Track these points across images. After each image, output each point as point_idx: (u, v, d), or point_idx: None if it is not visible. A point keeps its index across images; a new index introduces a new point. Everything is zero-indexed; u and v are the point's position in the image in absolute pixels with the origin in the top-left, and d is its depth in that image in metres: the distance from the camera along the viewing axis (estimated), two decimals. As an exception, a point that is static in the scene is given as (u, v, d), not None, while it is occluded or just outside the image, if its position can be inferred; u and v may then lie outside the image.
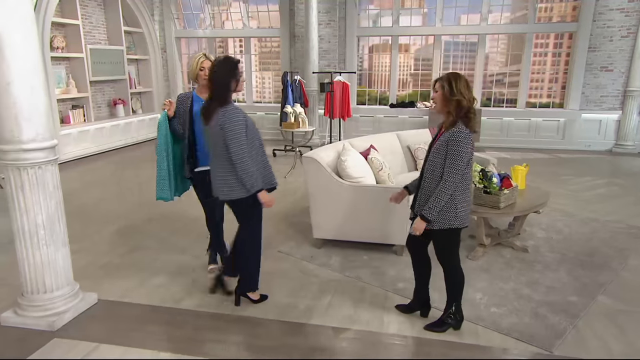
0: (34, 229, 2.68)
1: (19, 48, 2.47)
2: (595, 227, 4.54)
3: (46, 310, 2.79)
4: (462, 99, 2.47)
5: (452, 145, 2.46)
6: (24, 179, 2.61)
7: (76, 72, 8.13)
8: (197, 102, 3.24)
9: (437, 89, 2.56)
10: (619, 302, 3.12)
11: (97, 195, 5.77)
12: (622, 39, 8.28)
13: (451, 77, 2.50)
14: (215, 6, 10.32)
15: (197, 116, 3.14)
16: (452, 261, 2.72)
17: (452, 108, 2.49)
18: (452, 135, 2.47)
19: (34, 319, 2.78)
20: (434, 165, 2.56)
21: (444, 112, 2.56)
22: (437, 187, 2.52)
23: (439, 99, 2.54)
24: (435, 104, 2.62)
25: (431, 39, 9.53)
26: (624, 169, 7.30)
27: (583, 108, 8.75)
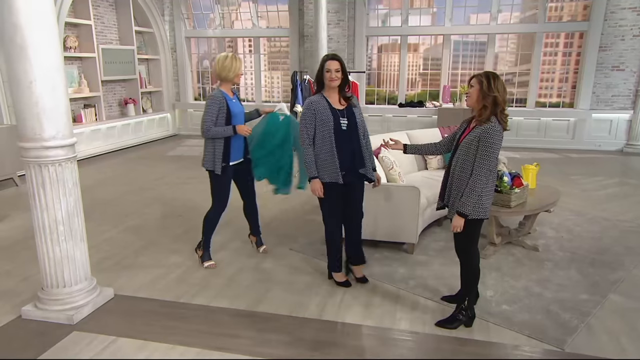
0: (53, 224, 2.74)
1: (41, 47, 2.53)
2: (606, 226, 4.53)
3: (65, 304, 2.86)
4: (499, 95, 2.53)
5: (484, 140, 2.52)
6: (44, 176, 2.67)
7: (88, 71, 8.26)
8: (230, 101, 3.44)
9: (473, 84, 2.60)
10: (631, 301, 3.11)
11: (110, 193, 5.86)
12: (634, 37, 8.22)
13: (490, 75, 2.57)
14: (225, 6, 10.40)
15: (235, 114, 3.41)
16: (470, 253, 2.78)
17: (488, 103, 2.54)
18: (486, 130, 2.53)
19: (53, 312, 2.85)
20: (465, 159, 2.61)
21: (478, 107, 2.60)
22: (468, 181, 2.59)
23: (475, 94, 2.58)
24: (468, 99, 2.65)
25: (440, 38, 9.53)
26: (636, 169, 7.25)
27: (594, 108, 8.71)
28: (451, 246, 3.94)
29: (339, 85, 3.04)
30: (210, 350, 2.59)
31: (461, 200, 2.61)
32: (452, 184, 2.71)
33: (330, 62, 2.99)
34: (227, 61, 3.35)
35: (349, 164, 3.09)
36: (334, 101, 3.08)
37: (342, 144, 3.06)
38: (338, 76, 2.99)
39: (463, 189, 2.61)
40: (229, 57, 3.38)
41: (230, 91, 3.48)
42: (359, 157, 3.12)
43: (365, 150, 3.16)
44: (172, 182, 6.45)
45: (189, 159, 8.11)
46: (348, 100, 3.10)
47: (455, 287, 3.20)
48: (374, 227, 3.88)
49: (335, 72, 2.98)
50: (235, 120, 3.43)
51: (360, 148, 3.12)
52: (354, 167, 3.12)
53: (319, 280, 3.43)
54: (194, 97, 11.08)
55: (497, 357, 2.56)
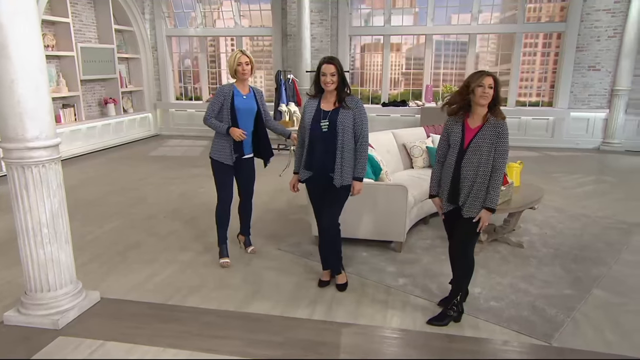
0: (37, 227, 2.67)
1: (22, 45, 2.46)
2: (587, 223, 4.66)
3: (50, 309, 2.78)
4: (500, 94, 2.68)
5: (503, 137, 2.62)
6: (27, 177, 2.60)
7: (66, 70, 8.06)
8: (238, 96, 3.46)
9: (491, 85, 2.61)
10: (613, 295, 3.20)
11: (92, 194, 5.74)
12: (609, 38, 8.50)
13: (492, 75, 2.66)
14: (206, 5, 10.28)
15: (240, 109, 3.41)
16: (471, 250, 2.83)
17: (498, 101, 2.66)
18: (502, 130, 2.62)
19: (37, 317, 2.77)
20: (478, 158, 2.64)
21: (486, 105, 2.65)
22: (482, 178, 2.64)
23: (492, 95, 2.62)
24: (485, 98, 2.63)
25: (422, 38, 9.64)
26: (612, 167, 7.49)
27: (571, 107, 8.96)
28: (438, 244, 4.05)
29: (336, 88, 3.01)
30: (201, 352, 2.56)
31: (489, 196, 2.67)
32: (465, 186, 2.69)
33: (325, 66, 2.96)
34: (229, 58, 3.50)
35: (320, 165, 3.06)
36: (327, 102, 3.06)
37: (317, 145, 3.05)
38: (334, 80, 2.96)
39: (485, 186, 2.66)
40: (231, 54, 3.51)
41: (244, 87, 3.51)
42: (330, 160, 3.03)
43: (344, 155, 3.02)
44: (156, 182, 6.35)
45: (172, 159, 8.00)
46: (341, 102, 3.03)
47: (444, 284, 3.25)
48: (362, 226, 3.90)
49: (331, 76, 2.95)
50: (241, 116, 3.45)
51: (335, 152, 3.01)
52: (324, 170, 3.06)
53: (308, 280, 3.42)
54: (176, 96, 10.95)
55: (488, 353, 2.60)
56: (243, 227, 3.92)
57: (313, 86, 3.11)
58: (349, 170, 3.06)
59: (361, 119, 3.05)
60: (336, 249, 3.28)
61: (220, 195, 3.61)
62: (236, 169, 3.57)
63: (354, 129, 3.03)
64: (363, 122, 3.05)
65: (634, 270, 3.60)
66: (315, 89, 3.10)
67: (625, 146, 8.67)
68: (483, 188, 2.66)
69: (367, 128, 3.09)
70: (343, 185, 3.06)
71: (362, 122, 3.05)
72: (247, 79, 3.51)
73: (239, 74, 3.45)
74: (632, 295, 3.21)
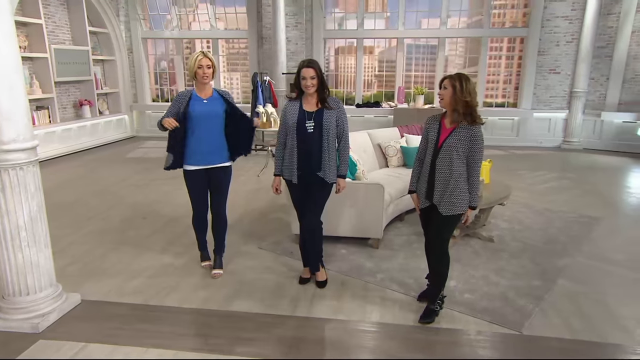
0: (15, 230, 2.64)
1: (-3, 45, 2.41)
2: (551, 217, 4.91)
3: (30, 312, 2.75)
4: (471, 100, 2.64)
5: (477, 141, 2.67)
6: (4, 180, 2.57)
7: (40, 72, 7.87)
8: (195, 101, 3.25)
9: (446, 86, 2.68)
10: (577, 284, 3.40)
11: (69, 196, 5.63)
12: (567, 43, 8.97)
13: (462, 78, 2.65)
14: (182, 7, 10.20)
15: (193, 115, 3.20)
16: (446, 246, 2.91)
17: (460, 107, 2.64)
18: (476, 135, 2.66)
19: (17, 321, 2.73)
20: (451, 161, 2.70)
21: (450, 109, 2.70)
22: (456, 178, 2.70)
23: (448, 97, 2.67)
24: (442, 100, 2.72)
25: (394, 41, 9.87)
26: (572, 164, 7.88)
27: (534, 107, 9.38)
28: (413, 240, 4.20)
29: (317, 90, 3.07)
30: (186, 351, 2.58)
31: (471, 196, 2.78)
32: (439, 184, 2.76)
33: (305, 70, 3.01)
34: (189, 59, 3.23)
35: (306, 165, 3.12)
36: (309, 104, 3.12)
37: (304, 145, 3.10)
38: (313, 83, 3.01)
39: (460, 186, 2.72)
40: (192, 55, 3.23)
41: (205, 91, 3.26)
42: (317, 159, 3.10)
43: (330, 154, 3.11)
44: (135, 184, 6.28)
45: (150, 160, 7.90)
46: (323, 102, 3.10)
47: (420, 278, 3.37)
48: (341, 224, 3.99)
49: (311, 79, 3.00)
50: (198, 122, 3.20)
51: (321, 151, 3.09)
52: (311, 169, 3.12)
53: (290, 278, 3.48)
54: (152, 98, 10.84)
55: (463, 343, 2.72)
56: (215, 245, 3.59)
57: (294, 88, 3.15)
58: (333, 168, 3.15)
59: (342, 119, 3.16)
60: (318, 247, 3.35)
61: (194, 206, 3.45)
62: (207, 179, 3.37)
63: (336, 129, 3.13)
64: (344, 121, 3.17)
65: (594, 261, 3.83)
66: (296, 91, 3.14)
67: (583, 144, 9.15)
68: (458, 187, 2.71)
69: (348, 127, 3.20)
70: (329, 183, 3.17)
71: (343, 122, 3.16)
72: (208, 82, 3.24)
73: (198, 77, 3.18)
74: (593, 284, 3.41)
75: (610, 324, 2.88)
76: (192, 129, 3.24)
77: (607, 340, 2.71)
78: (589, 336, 2.75)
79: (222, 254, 3.61)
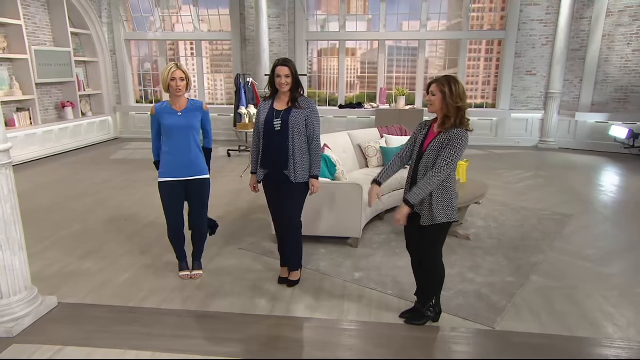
0: (-12, 234, 2.61)
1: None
2: (526, 215, 5.04)
3: (3, 317, 2.73)
4: (463, 104, 2.50)
5: (453, 142, 2.48)
6: (-23, 183, 2.54)
7: (20, 73, 7.78)
8: (169, 114, 3.21)
9: (434, 92, 2.54)
10: (548, 280, 3.48)
11: (49, 199, 5.57)
12: (543, 46, 9.20)
13: (452, 82, 2.50)
14: (165, 9, 10.16)
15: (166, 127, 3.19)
16: (437, 255, 2.77)
17: (452, 112, 2.50)
18: (454, 134, 2.49)
19: (-10, 326, 2.70)
20: (430, 163, 2.58)
21: (441, 114, 2.56)
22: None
23: (438, 102, 2.53)
24: (431, 106, 2.59)
25: (376, 43, 9.99)
26: (548, 163, 8.06)
27: (512, 108, 9.60)
28: (392, 238, 4.26)
29: (290, 89, 3.07)
30: (163, 352, 2.58)
31: (413, 190, 2.55)
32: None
33: (279, 68, 3.01)
34: (162, 71, 3.21)
35: (273, 164, 3.14)
36: (280, 102, 3.13)
37: (270, 144, 3.11)
38: (288, 81, 3.02)
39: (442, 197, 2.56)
40: (165, 67, 3.22)
41: (179, 104, 3.22)
42: (283, 158, 3.10)
43: (295, 153, 3.09)
44: (117, 186, 6.23)
45: (133, 162, 7.84)
46: (294, 102, 3.10)
47: (398, 277, 3.42)
48: (320, 223, 4.04)
49: (285, 78, 3.01)
50: (171, 134, 3.19)
51: (287, 149, 3.08)
52: (277, 167, 3.13)
53: (269, 278, 3.51)
54: (136, 99, 10.78)
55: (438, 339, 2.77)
56: (194, 251, 3.56)
57: (268, 87, 3.16)
58: (302, 168, 3.13)
59: (312, 119, 3.11)
60: (298, 246, 3.38)
61: (168, 221, 3.35)
62: (184, 191, 3.32)
63: (306, 129, 3.11)
64: (314, 122, 3.12)
65: (566, 256, 3.94)
66: (271, 90, 3.16)
67: (559, 144, 9.39)
68: (441, 198, 2.58)
69: (319, 128, 3.18)
70: (297, 182, 3.14)
71: (313, 122, 3.11)
72: (182, 95, 3.20)
73: (172, 90, 3.14)
74: (564, 279, 3.51)
75: (579, 318, 2.96)
76: (166, 141, 3.23)
77: (575, 334, 2.79)
78: (559, 330, 2.83)
79: (201, 257, 3.62)
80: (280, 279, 3.45)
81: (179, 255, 3.55)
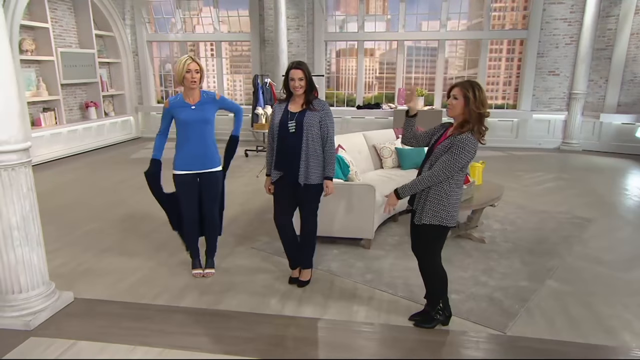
0: (7, 230, 2.70)
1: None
2: (544, 218, 4.91)
3: (22, 310, 2.81)
4: (484, 111, 2.44)
5: (455, 148, 2.44)
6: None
7: (47, 75, 8.04)
8: (184, 107, 3.25)
9: (456, 95, 2.47)
10: (564, 285, 3.39)
11: (71, 197, 5.73)
12: (567, 45, 8.95)
13: (475, 87, 2.44)
14: (186, 11, 10.37)
15: (181, 121, 3.24)
16: (432, 257, 2.75)
17: (473, 118, 2.44)
18: (459, 140, 2.44)
19: (9, 318, 2.79)
20: (433, 163, 2.55)
21: (460, 119, 2.50)
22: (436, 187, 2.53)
23: (459, 107, 2.46)
24: (451, 110, 2.51)
25: (395, 43, 9.91)
26: (570, 165, 7.86)
27: (534, 109, 9.36)
28: (405, 240, 4.22)
29: (305, 92, 3.09)
30: (172, 349, 2.62)
31: (406, 185, 2.57)
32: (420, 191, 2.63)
33: (293, 71, 3.04)
34: (177, 64, 3.22)
35: (288, 165, 3.15)
36: (295, 104, 3.15)
37: (285, 145, 3.14)
38: (302, 84, 3.04)
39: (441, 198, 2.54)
40: (179, 59, 3.21)
41: (193, 97, 3.25)
42: (297, 159, 3.11)
43: (310, 155, 3.11)
44: (136, 185, 6.34)
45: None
46: (309, 104, 3.11)
47: (410, 279, 3.39)
48: (332, 224, 4.03)
49: (299, 81, 3.03)
50: (189, 129, 3.23)
51: (301, 151, 3.09)
52: (292, 169, 3.14)
53: (280, 277, 3.52)
54: (157, 100, 11.02)
55: (446, 343, 2.74)
56: (207, 247, 3.61)
57: (283, 89, 3.20)
58: (316, 170, 3.15)
59: (326, 121, 3.14)
60: (311, 246, 3.41)
61: (183, 212, 3.41)
62: (198, 184, 3.36)
63: (320, 131, 3.14)
64: (328, 124, 3.15)
65: (584, 261, 3.83)
66: (286, 93, 3.19)
67: (582, 146, 9.11)
68: (436, 199, 2.54)
69: (333, 130, 3.20)
70: (310, 184, 3.16)
71: (327, 124, 3.14)
72: (196, 88, 3.21)
73: (187, 82, 3.15)
74: (581, 285, 3.41)
75: (595, 325, 2.88)
76: (181, 135, 3.29)
77: (589, 341, 2.71)
78: (572, 337, 2.75)
79: (214, 255, 3.66)
80: (290, 279, 3.47)
81: (192, 251, 3.59)
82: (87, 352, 2.61)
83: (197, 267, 3.60)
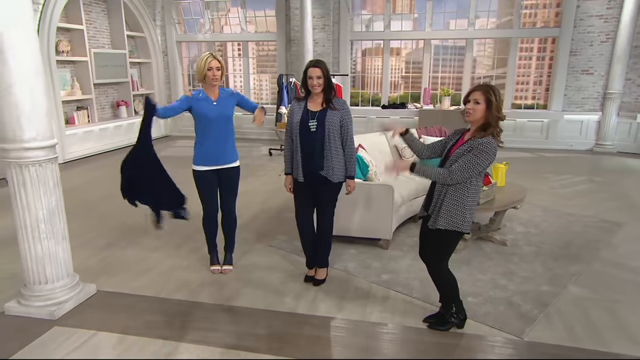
0: (35, 223, 2.83)
1: (19, 51, 2.59)
2: (571, 221, 4.74)
3: (47, 300, 2.94)
4: (502, 115, 2.45)
5: (477, 150, 2.42)
6: (25, 176, 2.75)
7: (81, 74, 8.38)
8: (205, 101, 3.29)
9: (479, 100, 2.44)
10: (587, 291, 3.28)
11: (100, 193, 5.93)
12: (602, 43, 8.56)
13: (495, 91, 2.43)
14: (214, 11, 10.59)
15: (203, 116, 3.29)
16: (441, 262, 2.73)
17: (493, 121, 2.44)
18: (481, 143, 2.42)
19: (36, 308, 2.93)
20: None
21: (480, 123, 2.48)
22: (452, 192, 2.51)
23: (481, 111, 2.44)
24: (471, 114, 2.47)
25: (421, 42, 9.77)
26: (603, 167, 7.54)
27: (565, 109, 9.02)
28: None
29: (323, 90, 3.10)
30: (187, 343, 2.69)
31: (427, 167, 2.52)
32: (436, 193, 2.61)
33: (311, 70, 3.05)
34: (198, 61, 3.28)
35: (310, 164, 3.16)
36: (314, 103, 3.16)
37: (306, 145, 3.14)
38: (320, 83, 3.05)
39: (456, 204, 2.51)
40: (201, 57, 3.27)
41: (214, 93, 3.30)
42: (319, 158, 3.13)
43: (332, 154, 3.13)
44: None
45: (180, 159, 8.17)
46: (328, 103, 3.13)
47: (426, 280, 3.33)
48: (351, 224, 4.03)
49: (317, 79, 3.04)
50: (211, 125, 3.28)
51: (323, 150, 3.12)
52: (314, 168, 3.16)
53: (296, 276, 3.54)
54: (186, 99, 11.29)
55: (460, 346, 2.70)
56: (225, 242, 3.68)
57: (302, 88, 3.21)
58: (338, 168, 3.17)
59: (347, 120, 3.15)
60: (327, 245, 3.43)
61: (205, 207, 3.49)
62: (217, 179, 3.44)
63: (340, 129, 3.15)
64: (348, 123, 3.16)
65: (610, 267, 3.69)
66: (305, 92, 3.20)
67: (617, 147, 8.70)
68: (452, 204, 2.51)
69: (352, 128, 3.21)
70: (331, 182, 3.17)
71: (347, 123, 3.16)
72: (217, 85, 3.29)
73: (208, 79, 3.21)
74: (606, 291, 3.28)
75: (619, 333, 2.77)
76: (202, 132, 3.34)
77: (611, 350, 2.62)
78: (593, 345, 2.66)
79: (232, 251, 3.72)
80: (306, 277, 3.49)
81: (211, 246, 3.66)
82: (106, 342, 2.71)
83: (216, 263, 3.66)
